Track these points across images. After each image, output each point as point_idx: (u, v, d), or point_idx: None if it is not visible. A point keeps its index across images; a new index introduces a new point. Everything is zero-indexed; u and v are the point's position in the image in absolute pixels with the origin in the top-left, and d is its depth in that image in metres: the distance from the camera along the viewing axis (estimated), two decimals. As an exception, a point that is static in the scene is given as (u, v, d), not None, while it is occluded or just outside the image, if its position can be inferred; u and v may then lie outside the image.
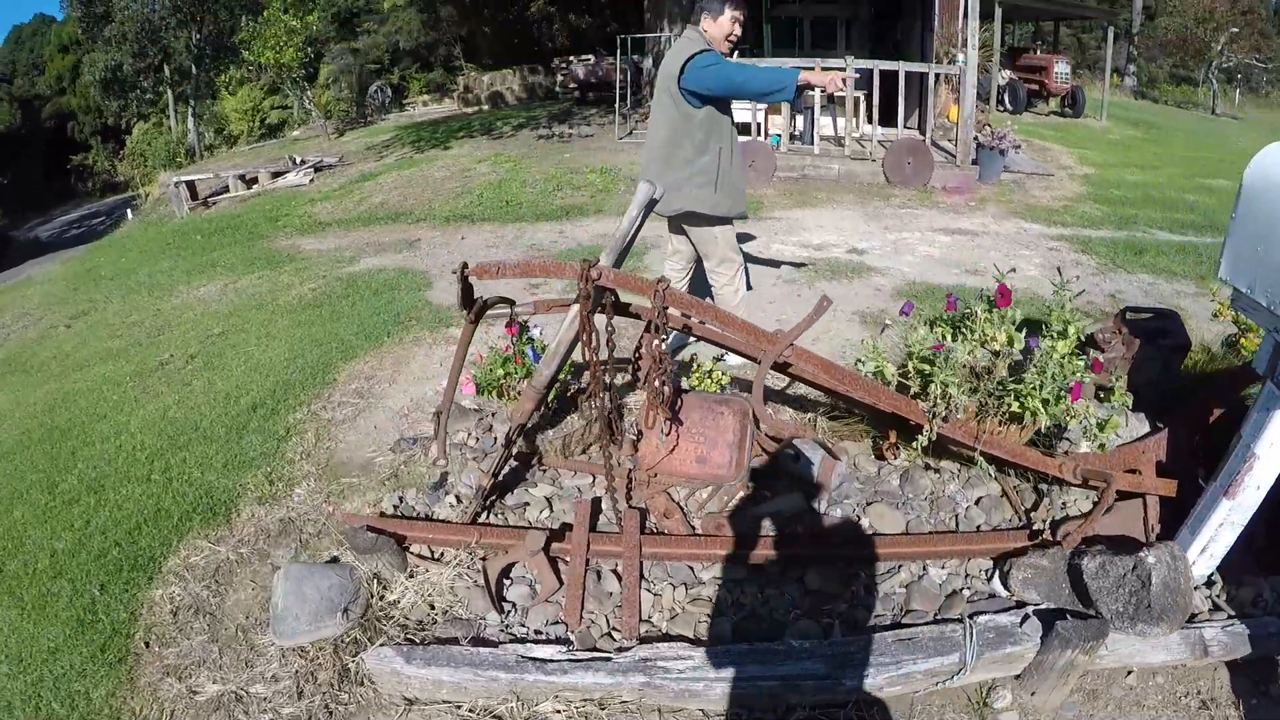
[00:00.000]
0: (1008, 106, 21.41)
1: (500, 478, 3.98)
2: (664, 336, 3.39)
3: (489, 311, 3.66)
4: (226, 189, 16.95)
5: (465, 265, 3.29)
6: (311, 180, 16.13)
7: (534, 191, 12.34)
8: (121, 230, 18.60)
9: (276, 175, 16.91)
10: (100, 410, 6.06)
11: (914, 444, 3.89)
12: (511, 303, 3.80)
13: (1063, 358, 3.58)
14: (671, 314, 3.46)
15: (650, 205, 3.86)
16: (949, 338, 3.82)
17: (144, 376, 6.65)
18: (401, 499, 4.05)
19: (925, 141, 12.71)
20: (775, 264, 8.32)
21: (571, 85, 23.47)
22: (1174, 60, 39.89)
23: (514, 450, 4.10)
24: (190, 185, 16.65)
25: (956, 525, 3.77)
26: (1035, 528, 3.59)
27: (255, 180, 16.99)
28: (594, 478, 4.14)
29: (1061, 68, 23.68)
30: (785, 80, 4.69)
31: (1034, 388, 3.52)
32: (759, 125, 13.45)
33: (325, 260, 9.85)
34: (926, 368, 3.67)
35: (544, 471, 4.24)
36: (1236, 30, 34.02)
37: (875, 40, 16.46)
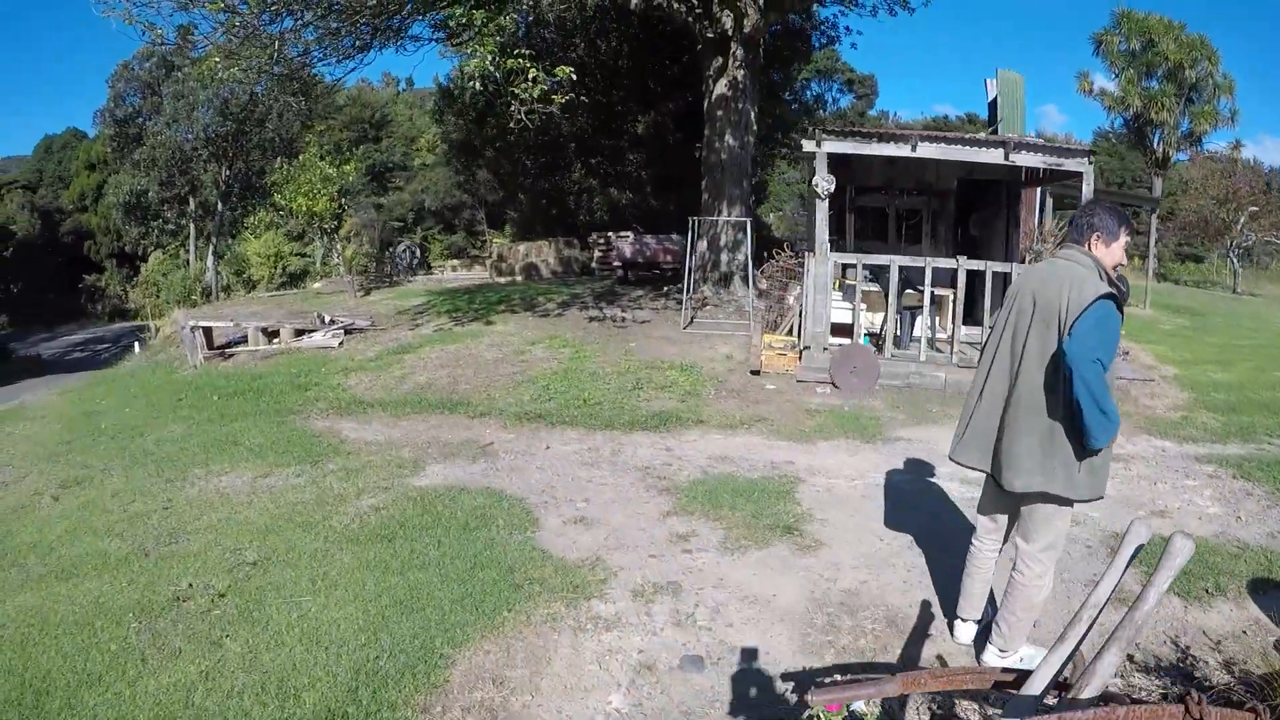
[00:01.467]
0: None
1: None
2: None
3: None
4: (245, 339, 15.47)
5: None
6: (341, 343, 14.64)
7: (610, 388, 10.82)
8: (127, 365, 17.09)
9: (300, 333, 15.41)
10: (93, 667, 4.37)
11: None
12: None
13: None
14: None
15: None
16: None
17: (153, 615, 4.92)
18: None
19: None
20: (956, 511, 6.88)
21: (616, 263, 22.30)
22: (1178, 239, 40.74)
23: None
24: (207, 332, 15.19)
25: None
26: None
27: (277, 334, 15.51)
28: None
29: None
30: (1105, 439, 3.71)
31: None
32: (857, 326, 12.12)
33: (379, 459, 8.15)
34: None
35: None
36: (1256, 209, 34.30)
37: (960, 234, 15.57)
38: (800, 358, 11.81)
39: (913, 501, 7.05)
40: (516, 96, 11.65)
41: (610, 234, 24.73)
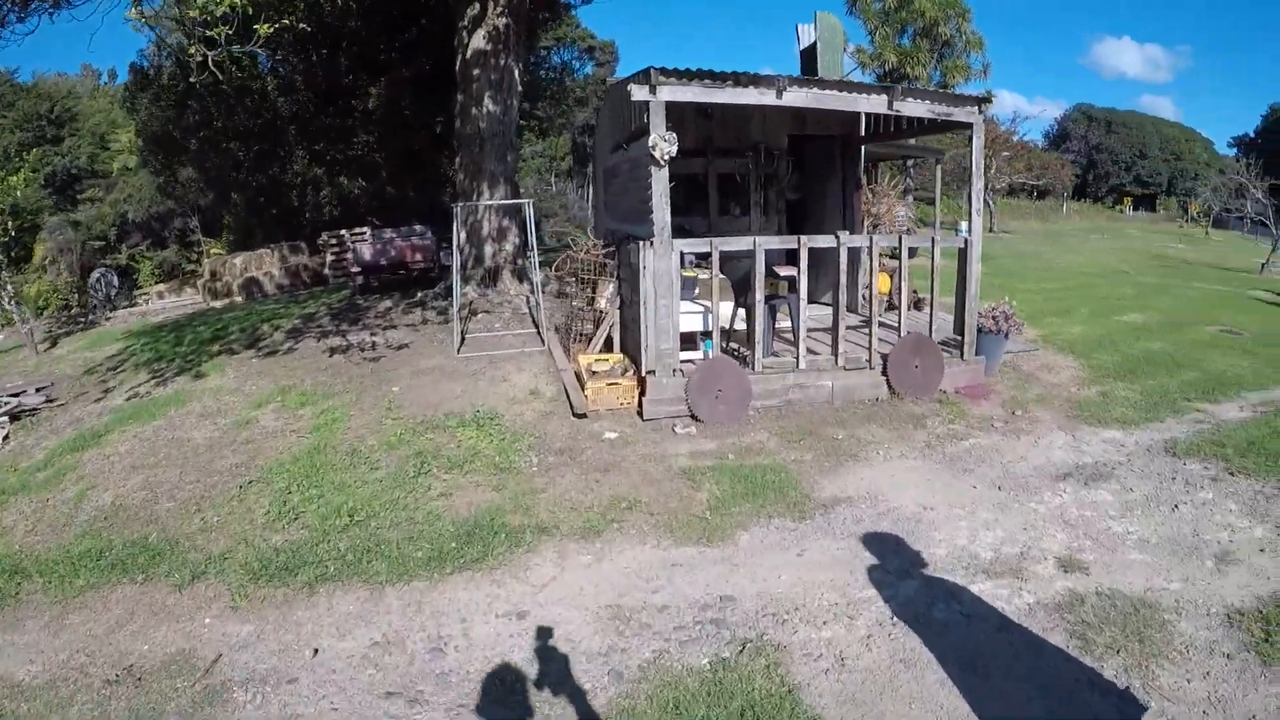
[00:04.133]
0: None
1: None
2: None
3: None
4: None
5: None
6: (6, 437, 10.25)
7: (383, 481, 7.26)
8: None
9: (-55, 428, 10.77)
10: None
11: None
12: None
13: None
14: None
15: None
16: None
17: None
18: None
19: (930, 337, 9.67)
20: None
21: (354, 269, 18.07)
22: (916, 185, 43.34)
23: None
24: None
25: None
26: None
27: (-88, 434, 10.80)
28: None
29: (901, 212, 22.19)
30: None
31: None
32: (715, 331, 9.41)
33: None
34: None
35: None
36: (1009, 154, 38.11)
37: (791, 202, 13.24)
38: (642, 387, 8.73)
39: (973, 647, 4.62)
40: (189, 28, 7.63)
41: (344, 232, 20.21)
